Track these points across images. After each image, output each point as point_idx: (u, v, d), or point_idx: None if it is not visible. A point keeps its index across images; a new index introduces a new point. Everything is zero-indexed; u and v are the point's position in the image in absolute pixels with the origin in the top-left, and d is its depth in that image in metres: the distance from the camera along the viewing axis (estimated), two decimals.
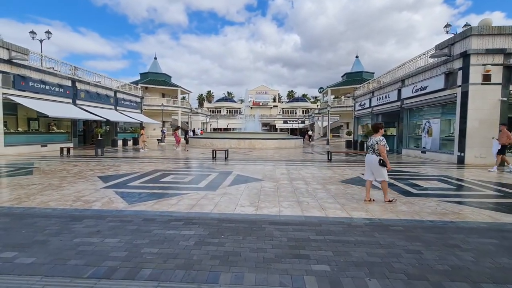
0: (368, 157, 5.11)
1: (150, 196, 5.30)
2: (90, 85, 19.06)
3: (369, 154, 5.08)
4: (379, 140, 4.90)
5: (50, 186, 6.09)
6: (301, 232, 3.51)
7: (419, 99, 13.77)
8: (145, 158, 12.34)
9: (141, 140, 16.76)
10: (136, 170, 8.55)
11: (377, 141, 4.92)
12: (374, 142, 4.96)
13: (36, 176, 7.31)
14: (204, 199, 5.15)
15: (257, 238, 3.31)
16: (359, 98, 23.61)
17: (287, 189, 6.10)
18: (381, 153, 4.86)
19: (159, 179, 7.18)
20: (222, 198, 5.19)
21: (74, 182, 6.62)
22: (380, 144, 4.86)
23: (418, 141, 14.80)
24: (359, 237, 3.39)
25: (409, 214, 4.35)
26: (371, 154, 5.02)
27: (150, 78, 39.27)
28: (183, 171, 8.74)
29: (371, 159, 5.02)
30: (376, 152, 4.94)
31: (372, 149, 5.01)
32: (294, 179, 7.26)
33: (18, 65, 13.35)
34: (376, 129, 5.10)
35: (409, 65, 15.43)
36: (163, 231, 3.50)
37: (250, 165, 10.03)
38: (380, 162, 4.86)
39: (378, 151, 4.91)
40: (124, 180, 6.89)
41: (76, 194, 5.39)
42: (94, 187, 6.03)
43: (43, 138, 15.50)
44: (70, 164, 9.84)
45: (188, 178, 7.28)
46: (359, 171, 8.78)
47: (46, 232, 3.44)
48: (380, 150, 4.86)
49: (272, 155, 14.06)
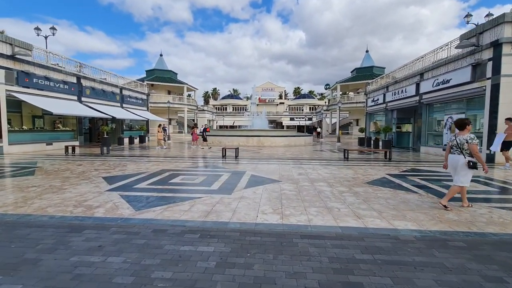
0: (454, 158, 4.38)
1: (160, 201, 4.75)
2: (95, 82, 18.66)
3: (455, 155, 4.36)
4: (470, 139, 4.16)
5: (50, 189, 5.59)
6: (343, 250, 2.90)
7: (441, 93, 12.91)
8: (151, 157, 11.85)
9: (158, 138, 16.28)
10: (143, 170, 8.03)
11: (466, 140, 4.19)
12: (462, 140, 4.23)
13: (37, 177, 6.84)
14: (219, 204, 4.57)
15: (291, 258, 2.71)
16: (372, 93, 22.72)
17: (310, 192, 5.48)
18: (474, 154, 4.14)
19: (168, 180, 6.63)
20: (239, 203, 4.60)
21: (77, 183, 6.11)
22: (473, 144, 4.13)
23: (438, 138, 13.96)
24: (416, 256, 2.75)
25: (462, 224, 3.69)
26: (458, 154, 4.32)
27: (156, 75, 38.85)
28: (192, 171, 8.18)
29: (457, 160, 4.30)
30: (465, 152, 4.23)
31: (459, 149, 4.29)
32: (315, 180, 6.62)
33: (21, 61, 12.95)
34: (463, 125, 4.32)
35: (428, 58, 14.54)
36: (176, 247, 2.92)
37: (263, 164, 9.43)
38: (470, 164, 4.15)
39: (467, 151, 4.21)
40: (131, 182, 6.36)
41: (78, 198, 4.87)
42: (98, 190, 5.50)
43: (48, 136, 15.16)
44: (75, 164, 9.39)
45: (199, 179, 6.71)
46: (383, 171, 8.10)
47: (39, 248, 2.90)
48: (473, 150, 4.13)
49: (283, 153, 13.43)
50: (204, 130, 16.94)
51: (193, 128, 17.79)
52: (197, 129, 17.91)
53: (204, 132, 16.64)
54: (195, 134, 17.28)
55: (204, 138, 16.46)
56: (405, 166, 9.22)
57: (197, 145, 17.21)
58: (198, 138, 17.27)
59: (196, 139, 17.22)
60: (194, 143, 17.35)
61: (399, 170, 8.44)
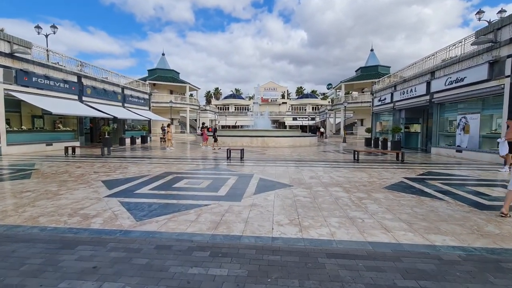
0: None
1: (163, 209, 4.33)
2: (96, 81, 18.30)
3: None
4: None
5: (45, 194, 5.19)
6: (380, 273, 2.45)
7: (454, 92, 12.40)
8: (153, 158, 11.45)
9: (167, 138, 16.03)
10: (145, 173, 7.62)
11: None
12: None
13: (33, 181, 6.45)
14: (229, 213, 4.14)
15: (320, 284, 2.27)
16: (378, 93, 22.20)
17: (326, 198, 5.04)
18: None
19: (172, 184, 6.21)
20: (251, 213, 4.16)
21: (75, 188, 5.71)
22: None
23: (451, 139, 13.45)
24: (470, 283, 2.30)
25: (509, 240, 3.23)
26: None
27: (158, 74, 38.50)
28: (197, 173, 7.76)
29: None
30: None
31: None
32: (329, 185, 6.18)
33: (20, 59, 12.60)
34: None
35: (440, 55, 14.03)
36: (183, 269, 2.50)
37: (271, 166, 8.99)
38: None
39: None
40: (132, 186, 5.95)
41: (74, 206, 4.46)
42: (97, 196, 5.09)
43: (48, 137, 14.81)
44: (74, 165, 9.00)
45: (204, 183, 6.29)
46: (399, 174, 7.63)
47: (23, 269, 2.48)
48: None
49: (290, 154, 12.99)
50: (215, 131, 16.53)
51: (203, 129, 17.49)
52: (206, 130, 17.62)
53: (214, 133, 16.23)
54: (205, 135, 17.10)
55: (215, 138, 16.06)
56: (420, 169, 8.75)
57: (207, 146, 16.93)
58: (208, 138, 17.05)
59: (207, 139, 17.02)
60: (204, 144, 17.11)
61: (415, 173, 7.97)
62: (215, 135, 16.10)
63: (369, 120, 36.47)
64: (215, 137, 16.09)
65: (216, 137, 16.12)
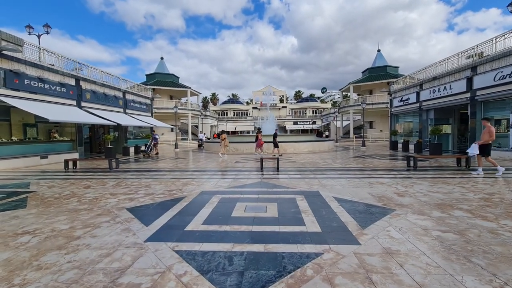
0: None
1: (255, 264, 2.64)
2: (96, 85, 16.48)
3: None
4: None
5: (54, 238, 3.44)
6: None
7: (506, 88, 11.10)
8: (173, 171, 9.69)
9: (223, 145, 14.45)
10: (177, 193, 5.90)
11: None
12: None
13: (30, 212, 4.67)
14: (374, 273, 2.49)
15: None
16: (398, 92, 20.94)
17: (481, 236, 3.43)
18: None
19: (225, 212, 4.51)
20: (401, 270, 2.52)
21: (94, 224, 3.97)
22: None
23: (500, 140, 12.12)
24: None
25: None
26: None
27: (157, 79, 36.70)
28: (244, 193, 6.01)
29: None
30: None
31: None
32: (443, 206, 4.58)
33: (10, 59, 10.77)
34: None
35: (482, 48, 12.79)
36: None
37: (325, 179, 7.37)
38: None
39: None
40: (174, 218, 4.23)
41: (107, 264, 2.73)
42: (134, 240, 3.37)
43: (43, 148, 12.88)
44: (80, 185, 7.20)
45: (270, 210, 4.60)
46: (505, 189, 6.11)
47: None
48: None
49: (323, 161, 11.41)
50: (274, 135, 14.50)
51: (258, 133, 14.24)
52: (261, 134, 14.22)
53: (275, 138, 14.25)
54: (261, 140, 14.04)
55: (275, 144, 14.11)
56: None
57: (262, 152, 14.28)
58: (263, 143, 14.19)
59: (261, 144, 14.10)
60: (258, 150, 14.29)
61: None
62: (275, 140, 14.11)
63: (379, 122, 35.43)
64: (275, 143, 14.06)
65: (277, 142, 14.11)
